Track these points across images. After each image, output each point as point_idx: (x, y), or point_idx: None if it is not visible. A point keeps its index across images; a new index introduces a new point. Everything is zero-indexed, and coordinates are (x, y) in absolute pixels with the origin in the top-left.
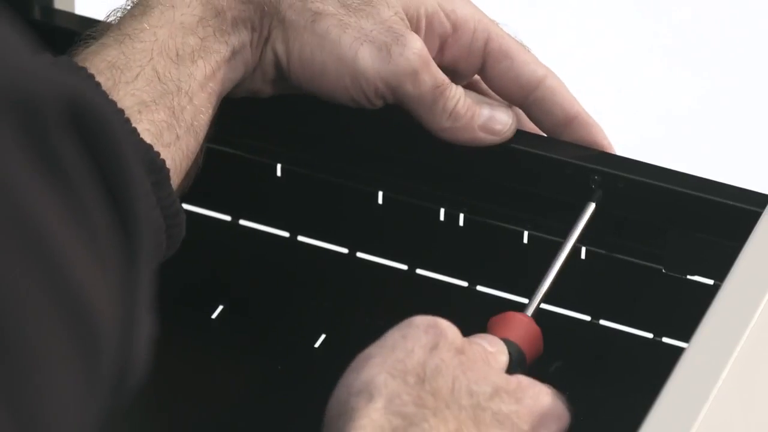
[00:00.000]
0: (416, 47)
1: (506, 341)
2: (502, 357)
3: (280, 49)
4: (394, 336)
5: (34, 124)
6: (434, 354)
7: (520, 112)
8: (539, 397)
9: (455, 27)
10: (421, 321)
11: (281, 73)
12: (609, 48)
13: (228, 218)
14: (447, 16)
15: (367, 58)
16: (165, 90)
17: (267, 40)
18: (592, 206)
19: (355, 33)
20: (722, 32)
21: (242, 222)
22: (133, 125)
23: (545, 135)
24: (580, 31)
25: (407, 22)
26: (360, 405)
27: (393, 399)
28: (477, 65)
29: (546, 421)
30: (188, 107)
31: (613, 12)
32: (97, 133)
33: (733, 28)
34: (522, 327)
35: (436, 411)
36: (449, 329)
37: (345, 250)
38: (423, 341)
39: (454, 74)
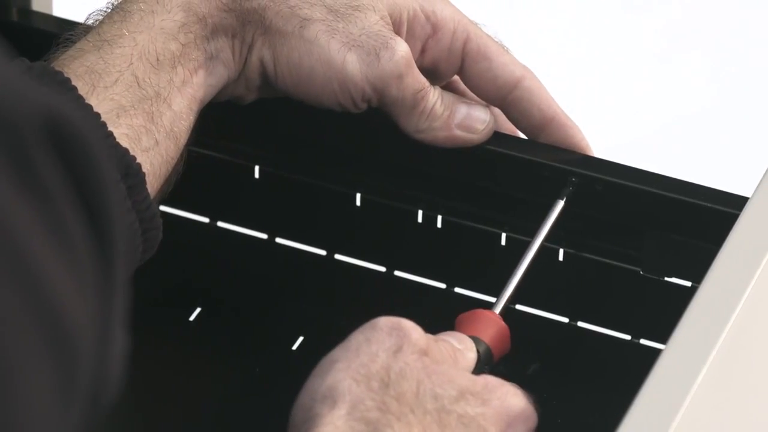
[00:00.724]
0: (403, 51)
1: (474, 339)
2: (470, 354)
3: (267, 55)
4: (357, 339)
5: (12, 140)
6: (398, 357)
7: (499, 112)
8: (507, 398)
9: (435, 28)
10: (385, 323)
11: (267, 80)
12: (587, 49)
13: (206, 220)
14: (427, 18)
15: (355, 63)
16: (144, 95)
17: (251, 47)
18: (560, 204)
19: (343, 38)
20: (696, 34)
21: (220, 224)
22: (110, 129)
23: (523, 136)
24: (558, 33)
25: (391, 26)
26: (323, 411)
27: (356, 405)
28: (456, 66)
29: (514, 422)
30: (167, 113)
31: (590, 14)
32: (75, 148)
33: (707, 30)
34: (490, 324)
35: (400, 416)
36: (413, 330)
37: (323, 252)
38: (387, 344)
39: (435, 75)
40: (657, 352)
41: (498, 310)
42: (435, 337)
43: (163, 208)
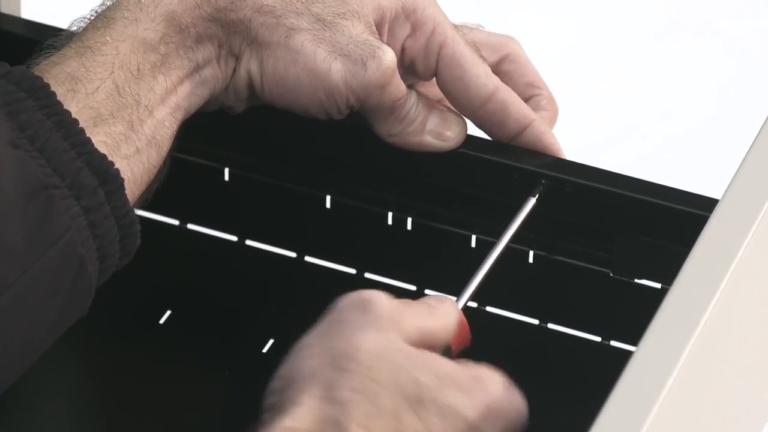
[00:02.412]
0: (389, 61)
1: None
2: (451, 310)
3: (254, 66)
4: (327, 320)
5: None
6: (372, 336)
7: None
8: (493, 390)
9: (414, 27)
10: (350, 299)
11: (254, 91)
12: (556, 51)
13: (176, 222)
14: (407, 17)
15: (341, 72)
16: (124, 104)
17: (239, 58)
18: (532, 201)
19: (329, 47)
20: (668, 34)
21: (190, 226)
22: (88, 136)
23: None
24: (530, 32)
25: (377, 32)
26: (295, 394)
27: (328, 385)
28: (432, 67)
29: (498, 415)
30: (148, 121)
31: (564, 14)
32: None
33: (678, 29)
34: None
35: (374, 397)
36: (381, 300)
37: (293, 255)
38: (358, 322)
39: (412, 74)
40: (628, 354)
41: (460, 305)
42: (406, 301)
43: (142, 204)
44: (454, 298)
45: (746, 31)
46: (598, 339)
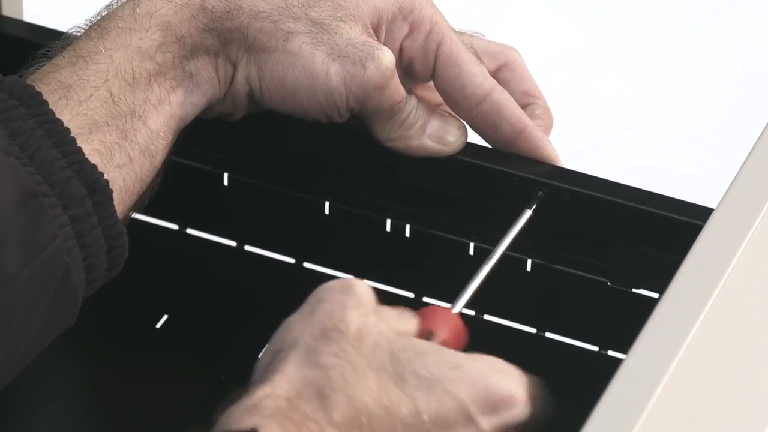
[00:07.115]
0: (388, 62)
1: (427, 333)
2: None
3: (252, 73)
4: (311, 301)
5: None
6: (354, 315)
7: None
8: (489, 372)
9: (411, 28)
10: (335, 283)
11: (253, 97)
12: (552, 50)
13: (175, 227)
14: (404, 17)
15: (339, 73)
16: (118, 112)
17: (236, 66)
18: (528, 213)
19: (327, 49)
20: (664, 39)
21: (189, 231)
22: (80, 144)
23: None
24: (529, 30)
25: (374, 34)
26: (277, 363)
27: (311, 352)
28: (430, 67)
29: (497, 403)
30: (142, 130)
31: (561, 14)
32: None
33: (675, 35)
34: (444, 321)
35: (356, 365)
36: (363, 288)
37: (292, 260)
38: (341, 301)
39: (411, 75)
40: None
41: (455, 310)
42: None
43: (132, 214)
44: (449, 305)
45: (749, 32)
46: (595, 348)
